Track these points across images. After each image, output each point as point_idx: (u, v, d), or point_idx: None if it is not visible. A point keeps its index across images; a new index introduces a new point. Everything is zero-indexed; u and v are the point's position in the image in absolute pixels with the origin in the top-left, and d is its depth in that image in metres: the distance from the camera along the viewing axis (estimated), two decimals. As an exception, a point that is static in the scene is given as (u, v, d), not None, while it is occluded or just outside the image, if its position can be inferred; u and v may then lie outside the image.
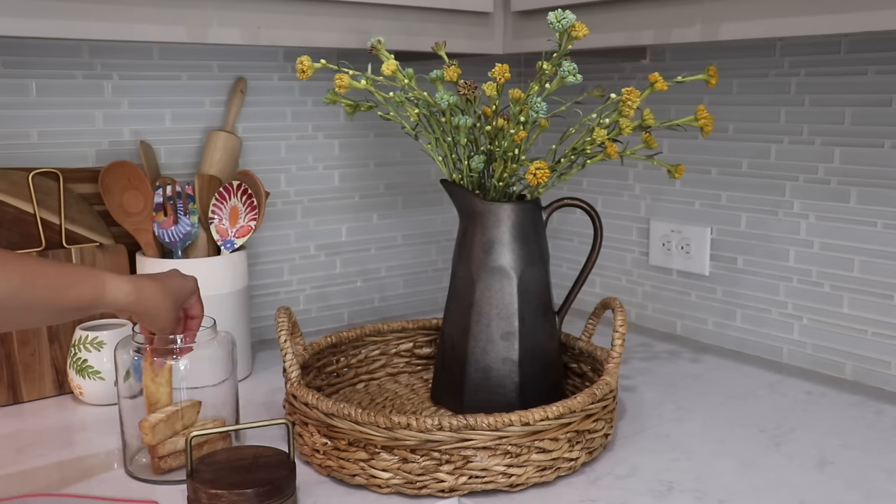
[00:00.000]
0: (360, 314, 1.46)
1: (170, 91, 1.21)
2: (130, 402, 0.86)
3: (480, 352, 0.97)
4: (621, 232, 1.44)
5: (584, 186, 1.49)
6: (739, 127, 1.24)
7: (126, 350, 0.86)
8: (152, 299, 0.79)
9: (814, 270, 1.17)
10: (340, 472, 0.83)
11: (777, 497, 0.81)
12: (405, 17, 1.10)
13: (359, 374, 1.11)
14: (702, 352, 1.28)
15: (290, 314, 0.95)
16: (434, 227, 1.52)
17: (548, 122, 0.98)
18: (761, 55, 1.19)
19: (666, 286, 1.38)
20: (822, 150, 1.15)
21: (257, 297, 1.33)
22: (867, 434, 0.96)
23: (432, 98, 0.94)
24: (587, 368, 1.04)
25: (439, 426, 0.79)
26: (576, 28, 0.88)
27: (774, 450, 0.92)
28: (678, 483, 0.84)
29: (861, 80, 1.10)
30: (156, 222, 1.11)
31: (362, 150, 1.41)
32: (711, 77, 0.96)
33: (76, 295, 0.73)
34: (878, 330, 1.12)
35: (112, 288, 0.76)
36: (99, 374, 1.03)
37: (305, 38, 1.03)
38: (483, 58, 1.20)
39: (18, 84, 1.11)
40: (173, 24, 0.94)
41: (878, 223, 1.10)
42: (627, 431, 0.97)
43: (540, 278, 0.99)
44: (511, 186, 0.99)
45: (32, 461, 0.89)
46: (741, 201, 1.25)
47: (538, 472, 0.82)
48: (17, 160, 1.11)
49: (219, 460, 0.79)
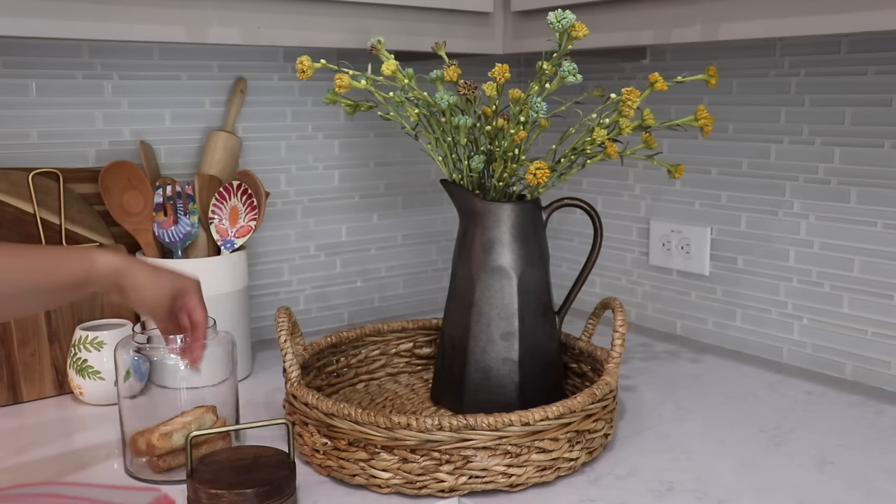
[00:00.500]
0: (360, 314, 1.46)
1: (170, 91, 1.21)
2: (130, 402, 0.86)
3: (480, 352, 0.97)
4: (621, 232, 1.44)
5: (584, 186, 1.49)
6: (739, 127, 1.24)
7: (126, 350, 0.86)
8: (140, 275, 0.79)
9: (814, 270, 1.17)
10: (340, 472, 0.83)
11: (777, 497, 0.81)
12: (405, 17, 1.10)
13: (359, 374, 1.11)
14: (702, 352, 1.28)
15: (290, 314, 0.95)
16: (434, 227, 1.52)
17: (548, 122, 0.98)
18: (761, 55, 1.19)
19: (666, 286, 1.38)
20: (822, 150, 1.15)
21: (257, 297, 1.33)
22: (867, 434, 0.96)
23: (432, 98, 0.94)
24: (587, 368, 1.04)
25: (439, 426, 0.79)
26: (576, 28, 0.88)
27: (774, 450, 0.92)
28: (678, 483, 0.84)
29: (861, 80, 1.10)
30: (156, 222, 1.11)
31: (362, 150, 1.41)
32: (711, 77, 0.96)
33: (67, 272, 0.74)
34: (878, 330, 1.12)
35: (101, 260, 0.77)
36: (99, 374, 1.03)
37: (305, 38, 1.03)
38: (483, 58, 1.20)
39: (18, 84, 1.11)
40: (173, 24, 0.94)
41: (878, 223, 1.10)
42: (627, 431, 0.97)
43: (540, 278, 0.99)
44: (511, 186, 0.99)
45: (32, 461, 0.89)
46: (741, 201, 1.25)
47: (538, 472, 0.82)
48: (17, 160, 1.11)
49: (219, 460, 0.79)
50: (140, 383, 0.85)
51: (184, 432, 0.83)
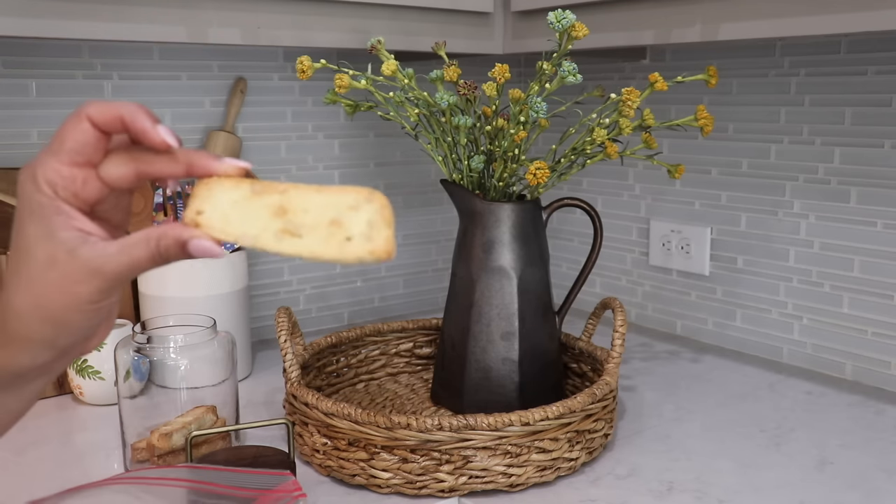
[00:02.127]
0: (360, 314, 1.46)
1: (170, 91, 1.21)
2: (130, 402, 0.86)
3: (480, 352, 0.97)
4: (621, 232, 1.44)
5: (584, 186, 1.49)
6: (739, 127, 1.24)
7: (126, 350, 0.86)
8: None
9: (814, 270, 1.17)
10: (340, 472, 0.83)
11: (777, 497, 0.81)
12: (405, 17, 1.10)
13: (359, 374, 1.11)
14: (702, 352, 1.28)
15: (290, 314, 0.95)
16: (434, 227, 1.52)
17: (548, 122, 0.98)
18: (761, 55, 1.19)
19: (666, 286, 1.38)
20: (822, 150, 1.15)
21: (257, 297, 1.33)
22: (867, 434, 0.96)
23: (432, 98, 0.94)
24: (587, 368, 1.04)
25: (439, 426, 0.79)
26: (576, 28, 0.88)
27: (774, 450, 0.92)
28: (678, 483, 0.84)
29: (861, 80, 1.10)
30: (156, 222, 1.12)
31: (362, 150, 1.41)
32: (711, 77, 0.96)
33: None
34: (878, 330, 1.12)
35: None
36: (99, 374, 1.03)
37: (305, 38, 1.03)
38: (483, 58, 1.20)
39: (18, 84, 1.11)
40: (173, 24, 0.94)
41: (878, 223, 1.10)
42: (627, 431, 0.97)
43: (540, 278, 0.99)
44: (511, 186, 0.99)
45: (32, 461, 0.89)
46: (741, 201, 1.25)
47: (538, 472, 0.82)
48: (17, 160, 1.11)
49: (219, 460, 0.79)
50: (140, 383, 0.85)
51: (184, 432, 0.83)
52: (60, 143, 0.48)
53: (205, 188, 0.49)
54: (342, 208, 0.47)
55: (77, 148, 0.48)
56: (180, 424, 0.84)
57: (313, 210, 0.48)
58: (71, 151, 0.48)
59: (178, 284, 1.08)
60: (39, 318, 0.47)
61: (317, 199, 0.48)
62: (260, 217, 0.48)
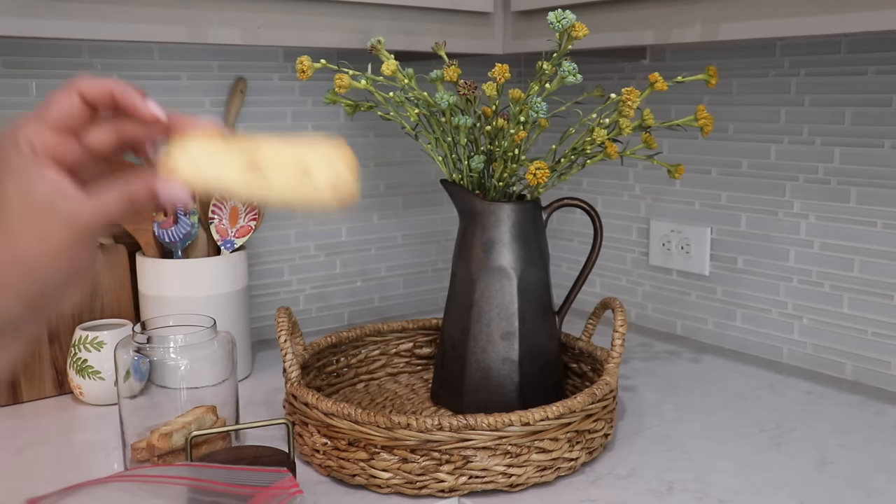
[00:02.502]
0: (360, 314, 1.46)
1: (170, 91, 1.21)
2: (130, 402, 0.86)
3: (480, 352, 0.97)
4: (621, 232, 1.44)
5: (584, 186, 1.49)
6: (739, 127, 1.24)
7: (126, 350, 0.86)
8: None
9: (814, 270, 1.17)
10: (340, 472, 0.83)
11: (777, 497, 0.81)
12: (405, 17, 1.10)
13: (359, 374, 1.11)
14: (702, 352, 1.28)
15: (290, 314, 0.95)
16: (434, 227, 1.52)
17: (548, 122, 0.98)
18: (761, 55, 1.19)
19: (666, 286, 1.38)
20: (822, 150, 1.15)
21: (257, 297, 1.33)
22: (867, 434, 0.96)
23: (432, 98, 0.94)
24: (587, 368, 1.04)
25: (439, 426, 0.79)
26: (576, 28, 0.88)
27: (774, 450, 0.92)
28: (678, 483, 0.84)
29: (861, 80, 1.10)
30: (156, 222, 1.11)
31: (362, 150, 1.41)
32: (711, 77, 0.96)
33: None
34: (878, 330, 1.12)
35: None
36: (99, 374, 1.03)
37: (305, 38, 1.03)
38: (483, 58, 1.20)
39: (18, 84, 1.11)
40: (173, 24, 0.94)
41: (878, 223, 1.10)
42: (627, 431, 0.97)
43: (540, 278, 0.99)
44: (511, 186, 0.99)
45: (32, 461, 0.89)
46: (741, 201, 1.25)
47: (538, 472, 0.82)
48: (17, 160, 1.11)
49: (219, 460, 0.79)
50: (140, 383, 0.85)
51: (184, 432, 0.83)
52: (47, 110, 0.50)
53: (179, 143, 0.53)
54: (310, 159, 0.53)
55: (62, 116, 0.50)
56: (180, 424, 0.84)
57: (283, 161, 0.53)
58: (55, 119, 0.50)
59: (178, 284, 1.08)
60: (17, 272, 0.49)
61: (286, 150, 0.53)
62: (232, 167, 0.52)
